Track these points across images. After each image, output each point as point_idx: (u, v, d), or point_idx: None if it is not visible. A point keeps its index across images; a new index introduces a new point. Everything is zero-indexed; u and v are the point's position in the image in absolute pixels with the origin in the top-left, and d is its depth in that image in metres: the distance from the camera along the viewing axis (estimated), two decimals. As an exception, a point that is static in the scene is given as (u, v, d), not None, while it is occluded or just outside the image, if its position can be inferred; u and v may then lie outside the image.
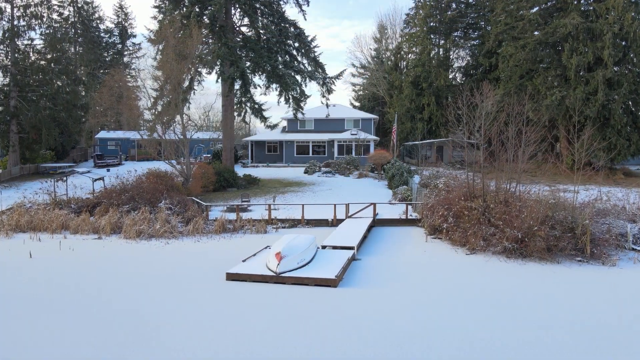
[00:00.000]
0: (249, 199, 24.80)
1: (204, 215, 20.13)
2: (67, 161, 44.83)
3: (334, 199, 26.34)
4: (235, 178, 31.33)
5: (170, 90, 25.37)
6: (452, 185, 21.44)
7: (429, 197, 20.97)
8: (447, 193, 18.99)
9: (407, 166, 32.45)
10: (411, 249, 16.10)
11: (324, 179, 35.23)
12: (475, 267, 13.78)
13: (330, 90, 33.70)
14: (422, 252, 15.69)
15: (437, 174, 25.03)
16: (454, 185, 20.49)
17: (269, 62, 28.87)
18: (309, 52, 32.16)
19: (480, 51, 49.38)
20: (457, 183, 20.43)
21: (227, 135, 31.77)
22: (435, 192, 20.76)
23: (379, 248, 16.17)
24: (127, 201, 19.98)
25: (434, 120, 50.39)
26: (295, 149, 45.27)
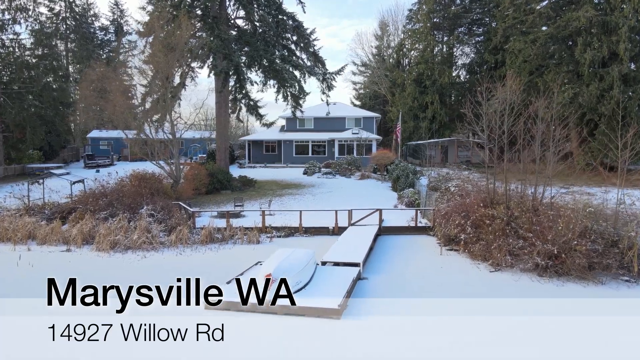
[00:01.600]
0: (242, 204, 22.43)
1: (190, 223, 17.75)
2: (57, 161, 42.43)
3: (335, 202, 24.01)
4: (229, 180, 28.96)
5: (158, 86, 22.99)
6: (466, 188, 19.08)
7: (440, 202, 18.62)
8: (462, 198, 16.60)
9: (413, 167, 30.07)
10: (425, 264, 13.72)
11: (324, 180, 32.87)
12: (504, 288, 11.40)
13: (330, 86, 31.30)
14: (437, 268, 13.32)
15: (447, 175, 22.66)
16: (469, 189, 18.13)
17: (266, 55, 26.48)
18: (308, 46, 29.76)
19: (485, 48, 46.98)
20: (473, 187, 18.05)
21: (221, 134, 29.39)
22: (448, 197, 18.39)
23: (388, 263, 13.78)
24: (104, 207, 17.59)
25: (437, 119, 48.02)
26: (294, 148, 42.88)
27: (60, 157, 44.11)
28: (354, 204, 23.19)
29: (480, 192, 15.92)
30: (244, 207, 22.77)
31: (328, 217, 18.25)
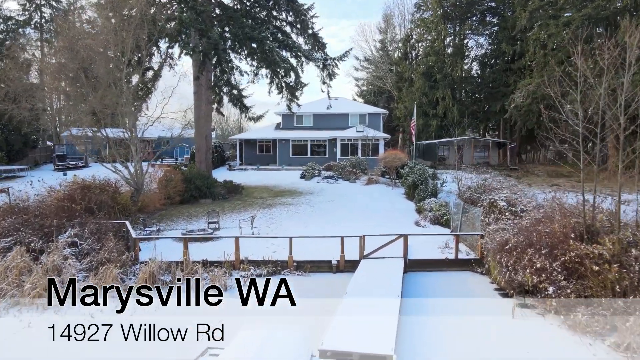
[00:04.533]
0: (218, 220, 16.60)
1: (131, 256, 11.90)
2: (25, 163, 36.62)
3: (339, 216, 18.17)
4: (210, 186, 23.11)
5: (104, 65, 17.15)
6: (525, 203, 13.24)
7: (487, 221, 12.79)
8: (535, 222, 10.69)
9: (432, 170, 24.24)
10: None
11: (324, 185, 27.02)
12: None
13: (332, 74, 25.44)
14: (521, 351, 7.48)
15: (486, 183, 16.79)
16: (533, 206, 12.31)
17: (253, 34, 20.58)
18: (305, 26, 23.89)
19: (502, 38, 41.11)
20: (549, 204, 12.21)
21: (200, 131, 23.55)
22: (505, 218, 12.55)
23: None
24: (7, 232, 11.74)
25: (449, 116, 42.12)
26: (291, 148, 36.97)
27: (31, 158, 38.31)
28: (362, 219, 17.39)
29: (564, 213, 10.03)
30: (221, 223, 16.97)
31: (331, 245, 12.41)
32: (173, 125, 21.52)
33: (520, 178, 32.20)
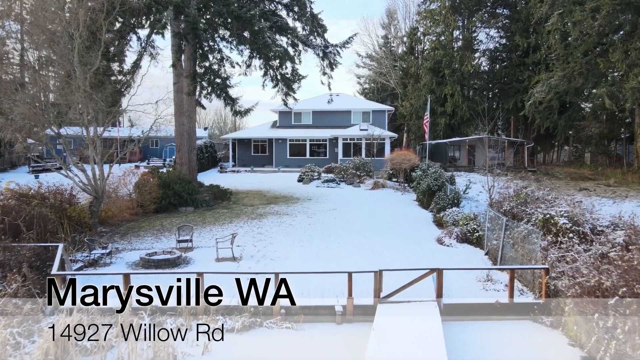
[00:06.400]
0: (191, 237, 12.93)
1: (42, 304, 8.23)
2: (0, 164, 33.04)
3: (342, 230, 14.50)
4: (192, 192, 19.46)
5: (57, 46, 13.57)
6: (594, 221, 9.62)
7: (548, 248, 9.17)
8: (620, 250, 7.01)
9: (449, 173, 20.62)
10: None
11: (324, 190, 23.36)
12: None
13: (333, 63, 21.83)
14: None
15: (528, 193, 13.08)
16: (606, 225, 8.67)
17: (239, 12, 16.89)
18: (303, 5, 20.24)
19: (515, 30, 37.42)
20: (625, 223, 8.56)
21: (181, 128, 19.89)
22: (568, 241, 8.89)
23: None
24: None
25: (458, 114, 38.45)
26: (288, 148, 33.27)
27: (7, 159, 34.73)
28: (370, 234, 13.72)
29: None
30: (197, 239, 13.32)
31: (331, 262, 8.75)
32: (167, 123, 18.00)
33: (541, 181, 28.62)
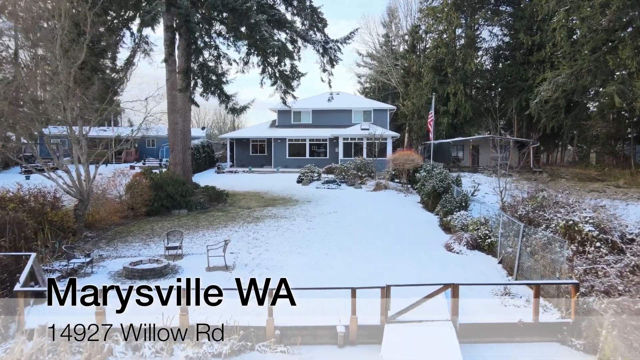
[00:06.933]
0: (181, 243, 11.95)
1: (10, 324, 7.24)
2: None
3: (343, 235, 13.48)
4: (186, 193, 18.47)
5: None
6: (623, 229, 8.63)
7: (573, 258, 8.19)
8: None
9: (455, 174, 19.63)
10: None
11: (324, 192, 22.37)
12: None
13: (334, 60, 20.86)
14: None
15: (544, 195, 12.10)
16: None
17: (235, 4, 15.88)
18: None
19: (519, 27, 36.40)
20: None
21: (174, 127, 18.91)
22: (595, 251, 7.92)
23: None
24: None
25: (461, 114, 37.48)
26: (287, 148, 32.27)
27: (1, 160, 33.74)
28: (374, 239, 12.71)
29: None
30: (188, 245, 12.34)
31: (331, 273, 7.76)
32: (157, 122, 17.04)
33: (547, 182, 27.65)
